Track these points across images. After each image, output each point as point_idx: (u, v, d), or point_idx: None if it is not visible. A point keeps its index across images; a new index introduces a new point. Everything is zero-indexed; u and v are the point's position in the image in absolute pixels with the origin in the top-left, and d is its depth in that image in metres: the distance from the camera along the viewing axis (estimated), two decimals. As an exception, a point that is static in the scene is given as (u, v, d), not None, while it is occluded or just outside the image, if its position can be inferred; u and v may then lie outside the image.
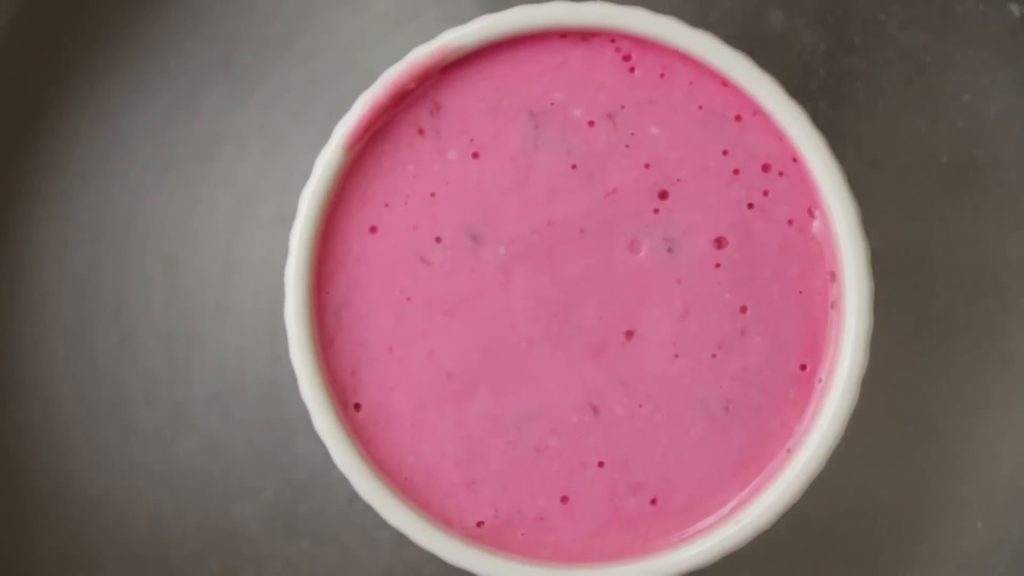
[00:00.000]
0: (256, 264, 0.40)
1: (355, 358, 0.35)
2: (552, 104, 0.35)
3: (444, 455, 0.35)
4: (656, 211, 0.35)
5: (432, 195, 0.35)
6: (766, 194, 0.35)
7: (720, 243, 0.35)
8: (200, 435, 0.40)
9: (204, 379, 0.40)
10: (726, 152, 0.35)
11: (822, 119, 0.38)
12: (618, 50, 0.35)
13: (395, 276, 0.35)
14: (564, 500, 0.35)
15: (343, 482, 0.38)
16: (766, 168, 0.35)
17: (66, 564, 0.40)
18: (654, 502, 0.35)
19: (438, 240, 0.35)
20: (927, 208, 0.39)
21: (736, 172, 0.35)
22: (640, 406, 0.35)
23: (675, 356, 0.35)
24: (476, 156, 0.35)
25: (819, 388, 0.35)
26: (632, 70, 0.35)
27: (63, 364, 0.40)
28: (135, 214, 0.40)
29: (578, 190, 0.35)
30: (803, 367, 0.35)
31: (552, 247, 0.35)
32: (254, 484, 0.40)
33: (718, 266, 0.35)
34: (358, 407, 0.35)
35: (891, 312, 0.38)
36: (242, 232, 0.40)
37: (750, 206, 0.35)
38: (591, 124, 0.35)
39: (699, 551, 0.34)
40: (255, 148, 0.40)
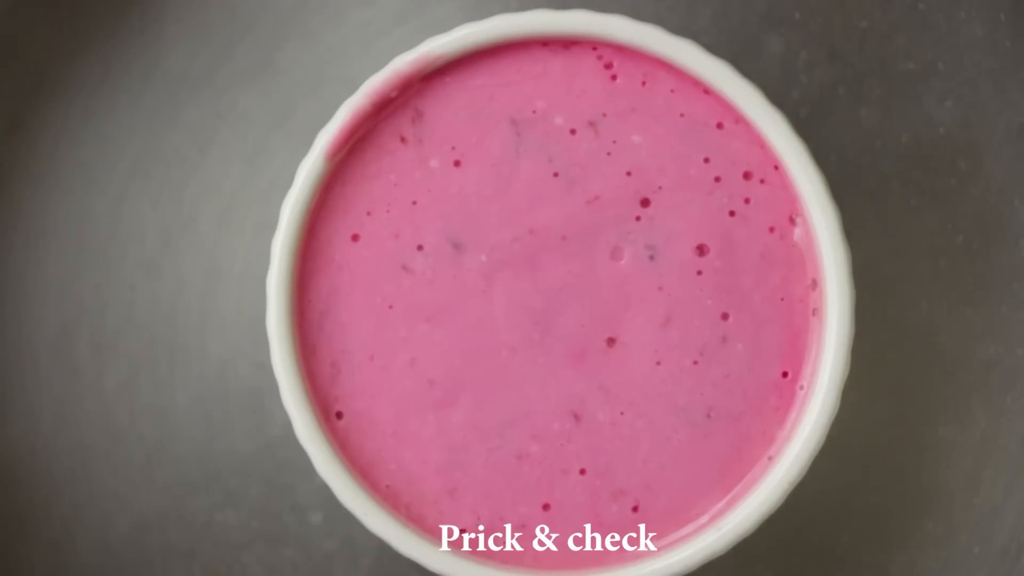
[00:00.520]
0: (238, 272, 0.40)
1: (337, 366, 0.35)
2: (534, 112, 0.35)
3: (426, 463, 0.35)
4: (638, 218, 0.35)
5: (414, 203, 0.35)
6: (748, 202, 0.35)
7: (702, 250, 0.35)
8: (183, 443, 0.40)
9: (187, 387, 0.40)
10: (708, 160, 0.35)
11: (803, 127, 0.38)
12: (600, 58, 0.35)
13: (377, 284, 0.35)
14: (546, 507, 0.35)
15: (325, 490, 0.38)
16: (747, 176, 0.35)
17: (49, 572, 0.40)
18: (636, 509, 0.35)
19: (420, 248, 0.35)
20: (909, 216, 0.40)
21: (718, 180, 0.35)
22: (622, 413, 0.35)
23: (657, 363, 0.35)
24: (458, 164, 0.35)
25: (801, 395, 0.35)
26: (614, 78, 0.35)
27: (45, 372, 0.40)
28: (117, 222, 0.40)
29: (560, 198, 0.35)
30: (785, 374, 0.35)
31: (534, 255, 0.35)
32: (237, 492, 0.40)
33: (700, 273, 0.35)
34: (340, 415, 0.35)
35: (873, 319, 0.38)
36: (224, 240, 0.40)
37: (732, 214, 0.35)
38: (573, 132, 0.35)
39: (680, 558, 0.34)
40: (237, 156, 0.40)
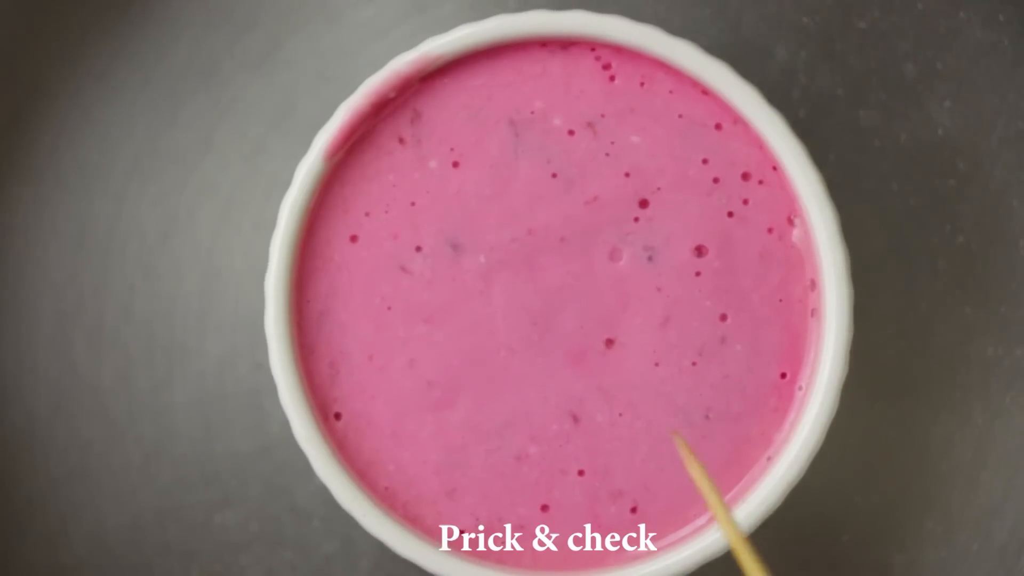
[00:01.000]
0: (237, 272, 0.40)
1: (335, 367, 0.35)
2: (532, 113, 0.35)
3: (425, 464, 0.35)
4: (636, 219, 0.35)
5: (412, 204, 0.35)
6: (746, 202, 0.35)
7: (700, 251, 0.35)
8: (181, 443, 0.40)
9: (185, 387, 0.40)
10: (706, 161, 0.35)
11: (802, 127, 0.38)
12: (598, 59, 0.35)
13: (375, 285, 0.35)
14: (544, 508, 0.35)
15: (324, 491, 0.38)
16: (746, 176, 0.35)
17: (47, 572, 0.40)
18: (634, 510, 0.35)
19: (418, 249, 0.35)
20: (907, 216, 0.40)
21: (716, 181, 0.35)
22: (620, 414, 0.35)
23: (655, 364, 0.35)
24: (456, 165, 0.35)
25: (799, 396, 0.35)
26: (612, 79, 0.35)
27: (44, 372, 0.40)
28: (116, 222, 0.40)
29: (558, 198, 0.35)
30: (783, 375, 0.35)
31: (532, 255, 0.35)
32: (235, 493, 0.40)
33: (698, 274, 0.35)
34: (338, 416, 0.35)
35: (872, 320, 0.38)
36: (223, 240, 0.40)
37: (730, 214, 0.35)
38: (571, 133, 0.35)
39: (679, 559, 0.34)
40: (236, 156, 0.40)
